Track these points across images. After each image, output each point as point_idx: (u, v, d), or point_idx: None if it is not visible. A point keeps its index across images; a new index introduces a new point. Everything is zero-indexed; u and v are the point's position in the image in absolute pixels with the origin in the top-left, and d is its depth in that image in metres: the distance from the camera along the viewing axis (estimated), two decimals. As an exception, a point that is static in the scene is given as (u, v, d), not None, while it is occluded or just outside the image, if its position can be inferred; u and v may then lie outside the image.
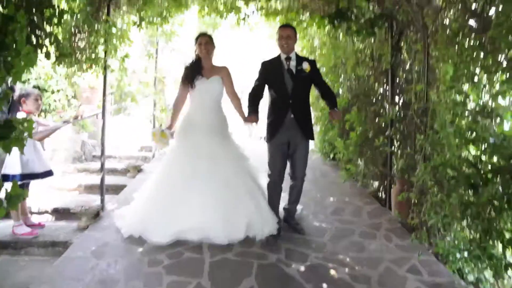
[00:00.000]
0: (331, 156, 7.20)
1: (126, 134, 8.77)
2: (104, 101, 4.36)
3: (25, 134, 2.12)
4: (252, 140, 11.38)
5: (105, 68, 4.25)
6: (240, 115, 4.04)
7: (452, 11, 3.53)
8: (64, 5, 3.63)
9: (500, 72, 2.65)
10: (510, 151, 2.60)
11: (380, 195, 5.23)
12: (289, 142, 3.77)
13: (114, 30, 4.28)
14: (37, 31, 2.82)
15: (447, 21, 3.60)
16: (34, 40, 2.80)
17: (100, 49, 4.25)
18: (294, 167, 3.89)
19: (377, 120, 5.08)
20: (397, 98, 4.67)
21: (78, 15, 3.70)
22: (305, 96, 3.82)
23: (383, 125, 4.93)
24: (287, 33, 3.73)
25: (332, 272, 3.21)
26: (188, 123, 3.99)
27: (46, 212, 4.62)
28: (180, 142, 3.99)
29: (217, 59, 4.20)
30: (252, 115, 3.66)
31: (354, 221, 4.38)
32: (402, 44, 4.36)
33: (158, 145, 4.10)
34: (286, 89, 3.69)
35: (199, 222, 3.58)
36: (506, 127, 2.80)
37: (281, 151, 3.78)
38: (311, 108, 3.93)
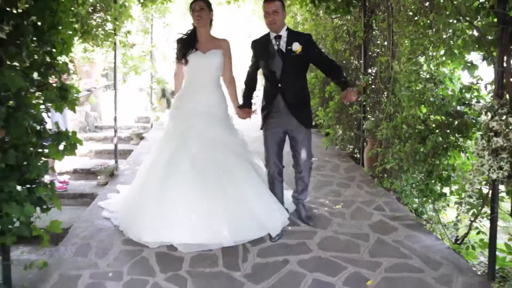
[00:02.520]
0: (313, 123, 7.95)
1: (123, 106, 9.33)
2: (115, 73, 4.96)
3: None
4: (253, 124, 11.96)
5: (115, 43, 4.83)
6: (233, 104, 3.64)
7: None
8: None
9: (442, 46, 3.37)
10: (448, 109, 3.37)
11: (355, 155, 6.03)
12: (286, 131, 3.40)
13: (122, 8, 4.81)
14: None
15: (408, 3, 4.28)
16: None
17: (109, 26, 4.81)
18: (294, 157, 3.50)
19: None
20: (369, 69, 5.39)
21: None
22: (298, 80, 3.35)
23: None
24: (273, 8, 3.14)
25: (315, 211, 3.99)
26: (181, 105, 3.48)
27: (67, 172, 5.27)
28: (171, 127, 3.50)
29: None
30: (245, 109, 3.45)
31: (333, 175, 5.18)
32: (372, 22, 5.04)
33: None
34: (275, 73, 3.25)
35: (195, 227, 3.05)
36: (449, 91, 3.58)
37: (275, 139, 3.40)
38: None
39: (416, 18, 4.07)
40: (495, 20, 2.70)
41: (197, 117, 3.37)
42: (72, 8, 3.62)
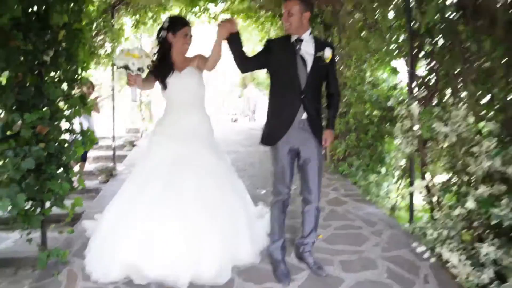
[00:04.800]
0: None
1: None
2: (113, 88, 5.82)
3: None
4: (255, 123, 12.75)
5: (112, 61, 5.70)
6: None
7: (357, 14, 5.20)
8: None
9: (374, 56, 4.35)
10: (382, 106, 4.33)
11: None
12: (298, 149, 2.82)
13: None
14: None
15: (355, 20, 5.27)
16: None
17: (107, 46, 5.68)
18: (307, 183, 2.87)
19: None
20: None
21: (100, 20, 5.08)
22: (319, 92, 2.89)
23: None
24: (287, 8, 2.72)
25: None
26: (162, 128, 3.16)
27: (72, 173, 6.06)
28: (149, 151, 3.16)
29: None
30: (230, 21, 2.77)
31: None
32: (328, 37, 6.02)
33: (133, 78, 2.84)
34: (298, 81, 2.72)
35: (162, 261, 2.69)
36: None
37: (290, 159, 2.83)
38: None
39: (361, 34, 5.05)
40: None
41: (180, 140, 3.04)
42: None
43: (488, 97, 3.02)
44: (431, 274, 2.91)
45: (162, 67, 3.04)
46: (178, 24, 3.03)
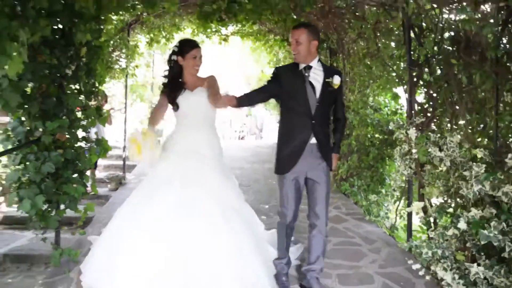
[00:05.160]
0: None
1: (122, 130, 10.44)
2: (126, 99, 6.08)
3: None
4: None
5: (126, 75, 5.98)
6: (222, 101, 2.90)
7: (362, 42, 5.45)
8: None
9: (376, 82, 4.57)
10: (383, 129, 4.51)
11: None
12: (306, 174, 2.86)
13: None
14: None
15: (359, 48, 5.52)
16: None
17: (122, 61, 5.97)
18: (314, 208, 2.89)
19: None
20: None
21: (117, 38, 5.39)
22: (328, 117, 2.97)
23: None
24: (295, 37, 2.80)
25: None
26: (170, 144, 3.08)
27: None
28: (156, 171, 3.05)
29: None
30: (231, 97, 2.88)
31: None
32: (334, 62, 6.26)
33: (143, 157, 2.83)
34: (308, 107, 2.78)
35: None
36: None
37: (296, 185, 2.87)
38: None
39: (365, 60, 5.28)
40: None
41: (186, 159, 2.97)
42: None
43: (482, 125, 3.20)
44: (425, 291, 3.04)
45: (173, 88, 3.06)
46: (186, 47, 3.06)
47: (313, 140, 2.81)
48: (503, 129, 2.89)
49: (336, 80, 2.78)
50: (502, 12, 2.91)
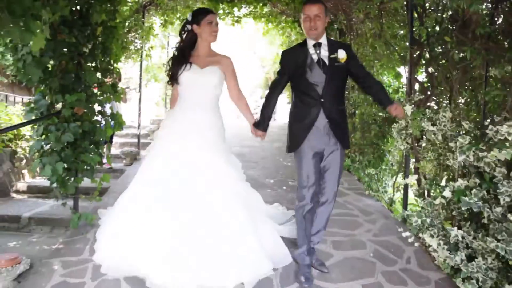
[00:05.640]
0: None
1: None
2: (140, 80, 6.36)
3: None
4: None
5: (141, 56, 6.25)
6: (248, 120, 3.13)
7: (370, 23, 5.55)
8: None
9: (379, 62, 4.69)
10: (385, 107, 4.65)
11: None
12: (323, 152, 2.84)
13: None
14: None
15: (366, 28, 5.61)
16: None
17: (137, 42, 6.23)
18: (324, 188, 2.90)
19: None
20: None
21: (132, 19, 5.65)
22: (340, 94, 2.90)
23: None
24: (315, 12, 2.70)
25: (290, 182, 5.25)
26: (170, 124, 3.05)
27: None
28: (155, 149, 3.07)
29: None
30: (261, 129, 3.01)
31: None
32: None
33: None
34: (316, 85, 2.76)
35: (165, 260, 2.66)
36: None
37: (315, 163, 2.82)
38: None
39: (370, 40, 5.39)
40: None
41: (186, 139, 2.93)
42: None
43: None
44: (414, 257, 3.25)
45: (177, 61, 2.95)
46: (201, 13, 2.92)
47: (323, 118, 2.77)
48: (489, 103, 3.02)
49: (341, 54, 2.71)
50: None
